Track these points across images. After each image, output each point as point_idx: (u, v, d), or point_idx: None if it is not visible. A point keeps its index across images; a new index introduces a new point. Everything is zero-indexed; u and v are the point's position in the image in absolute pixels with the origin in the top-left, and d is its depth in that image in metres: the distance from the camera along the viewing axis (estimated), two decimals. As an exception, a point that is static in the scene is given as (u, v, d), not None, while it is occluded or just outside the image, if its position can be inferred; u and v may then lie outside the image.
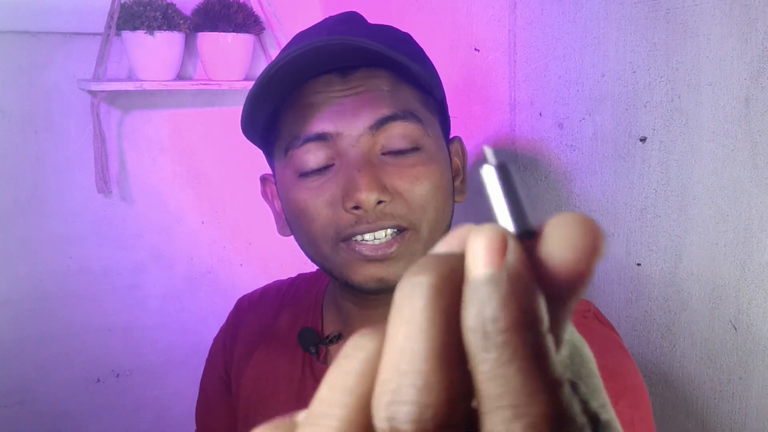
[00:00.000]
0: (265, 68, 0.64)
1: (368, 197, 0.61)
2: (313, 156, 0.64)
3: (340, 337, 0.74)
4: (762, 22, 0.63)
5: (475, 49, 1.00)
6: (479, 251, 0.18)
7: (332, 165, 0.64)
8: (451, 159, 0.71)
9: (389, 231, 0.63)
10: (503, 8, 0.95)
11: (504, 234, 0.18)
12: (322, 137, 0.64)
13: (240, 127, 0.71)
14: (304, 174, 0.65)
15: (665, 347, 0.77)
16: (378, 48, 0.61)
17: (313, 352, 0.73)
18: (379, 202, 0.62)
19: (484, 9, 0.98)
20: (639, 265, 0.79)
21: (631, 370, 0.62)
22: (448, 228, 0.69)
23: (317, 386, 0.72)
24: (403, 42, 0.71)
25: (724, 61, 0.67)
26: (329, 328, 0.76)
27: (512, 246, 0.18)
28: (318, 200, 0.64)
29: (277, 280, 0.89)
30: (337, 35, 0.66)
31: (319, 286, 0.81)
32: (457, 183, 0.72)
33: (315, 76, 0.65)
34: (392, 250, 0.63)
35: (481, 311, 0.17)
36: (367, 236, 0.63)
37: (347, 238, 0.64)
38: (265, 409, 0.76)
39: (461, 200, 0.72)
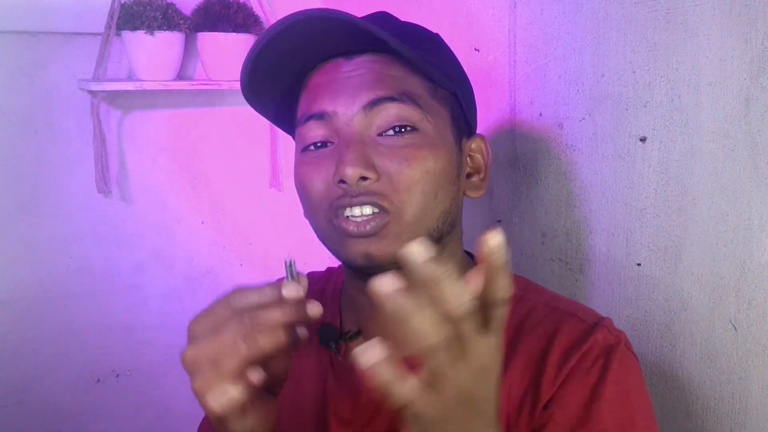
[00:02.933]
0: (251, 47, 0.67)
1: (352, 172, 0.63)
2: (313, 133, 0.68)
3: (359, 334, 0.74)
4: (762, 22, 0.63)
5: (475, 49, 1.00)
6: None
7: (332, 143, 0.67)
8: (464, 153, 0.72)
9: (368, 208, 0.65)
10: (503, 8, 0.95)
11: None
12: (321, 116, 0.67)
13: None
14: (308, 149, 0.69)
15: (665, 347, 0.77)
16: (358, 22, 0.63)
17: (333, 347, 0.74)
18: (364, 179, 0.64)
19: (484, 9, 0.98)
20: (639, 265, 0.79)
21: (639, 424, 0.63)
22: (452, 219, 0.70)
23: (337, 382, 0.74)
24: (416, 35, 0.73)
25: (724, 61, 0.67)
26: (348, 325, 0.77)
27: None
28: (314, 174, 0.67)
29: (283, 278, 0.89)
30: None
31: (336, 283, 0.82)
32: (475, 179, 0.74)
33: (324, 60, 0.69)
34: (368, 227, 0.64)
35: None
36: (356, 210, 0.65)
37: (336, 212, 0.66)
38: (286, 404, 0.77)
39: (476, 196, 0.74)
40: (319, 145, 0.68)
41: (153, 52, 1.24)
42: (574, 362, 0.63)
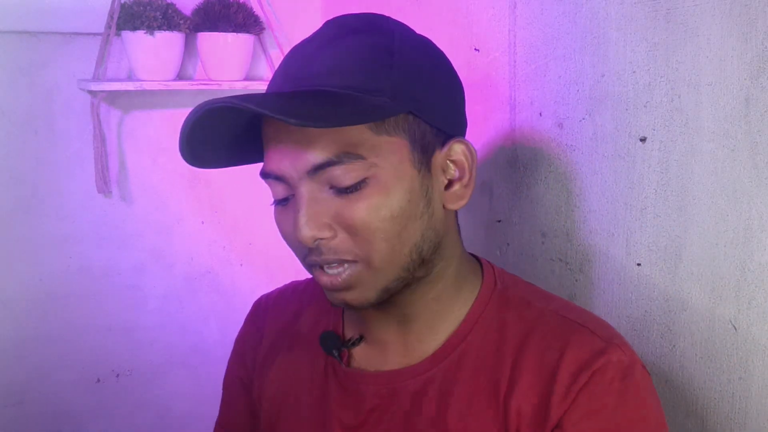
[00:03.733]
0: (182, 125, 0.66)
1: (305, 236, 0.63)
2: (275, 189, 0.67)
3: (361, 340, 0.74)
4: (762, 22, 0.63)
5: (475, 49, 1.00)
6: None
7: (293, 195, 0.66)
8: (434, 172, 0.67)
9: (335, 264, 0.65)
10: (503, 8, 0.95)
11: None
12: (273, 176, 0.66)
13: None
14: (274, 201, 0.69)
15: (665, 347, 0.77)
16: (240, 106, 0.60)
17: (336, 355, 0.74)
18: (322, 238, 0.64)
19: (484, 9, 0.98)
20: (639, 265, 0.79)
21: None
22: (430, 244, 0.67)
23: (340, 389, 0.75)
24: (358, 54, 0.65)
25: (724, 61, 0.67)
26: (350, 330, 0.76)
27: None
28: (285, 226, 0.67)
29: (293, 281, 0.89)
30: (281, 74, 0.67)
31: None
32: (457, 187, 0.68)
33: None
34: (340, 280, 0.65)
35: None
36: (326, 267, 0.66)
37: (309, 267, 0.67)
38: (288, 412, 0.77)
39: (458, 207, 0.69)
40: (283, 201, 0.68)
41: (153, 52, 1.23)
42: (584, 380, 0.62)
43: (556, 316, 0.67)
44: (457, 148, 0.68)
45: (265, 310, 0.87)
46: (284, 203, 0.67)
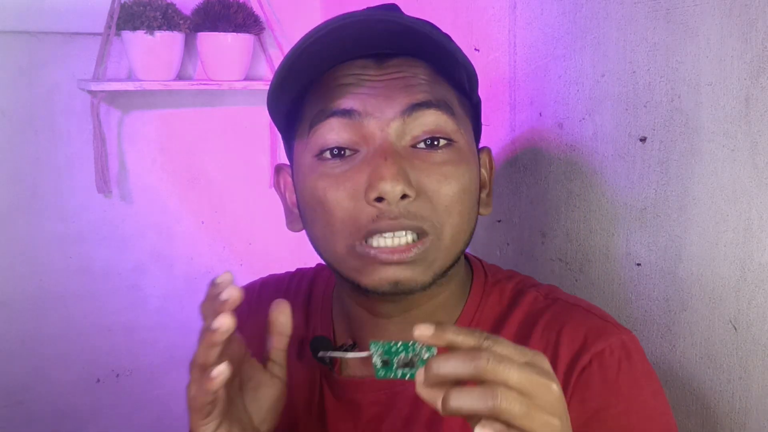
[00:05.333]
0: (300, 39, 0.59)
1: (393, 188, 0.55)
2: (336, 135, 0.59)
3: (354, 346, 0.68)
4: (762, 22, 0.63)
5: (475, 49, 1.00)
6: None
7: (357, 151, 0.59)
8: (480, 167, 0.67)
9: (410, 235, 0.58)
10: (503, 8, 0.95)
11: None
12: (348, 113, 0.58)
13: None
14: (324, 157, 0.60)
15: (665, 347, 0.77)
16: (423, 28, 0.58)
17: (328, 362, 0.68)
18: (404, 197, 0.56)
19: (484, 9, 0.98)
20: (639, 265, 0.79)
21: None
22: (470, 237, 0.64)
23: (336, 399, 0.76)
24: (447, 37, 0.66)
25: (724, 61, 0.67)
26: (341, 337, 0.71)
27: None
28: (339, 190, 0.58)
29: (271, 275, 0.83)
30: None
31: (326, 289, 0.75)
32: (483, 195, 0.67)
33: (350, 59, 0.61)
34: (410, 254, 0.58)
35: None
36: (386, 236, 0.58)
37: (367, 236, 0.58)
38: (283, 425, 0.71)
39: (486, 213, 0.68)
40: (342, 152, 0.59)
41: (153, 52, 1.23)
42: (585, 362, 0.60)
43: (550, 301, 0.65)
44: (485, 157, 0.70)
45: (245, 305, 0.80)
46: (339, 156, 0.59)
